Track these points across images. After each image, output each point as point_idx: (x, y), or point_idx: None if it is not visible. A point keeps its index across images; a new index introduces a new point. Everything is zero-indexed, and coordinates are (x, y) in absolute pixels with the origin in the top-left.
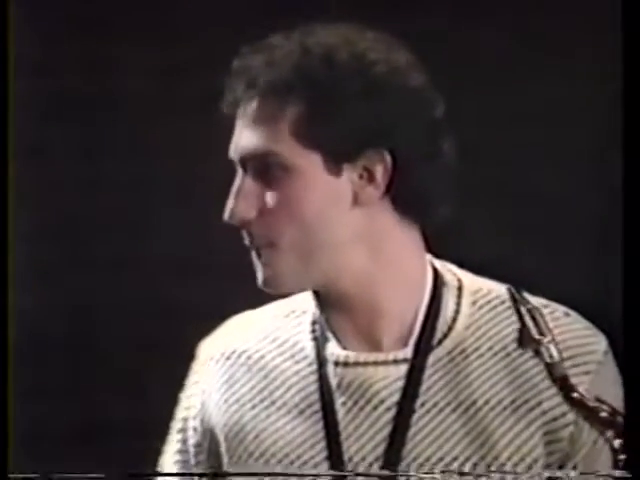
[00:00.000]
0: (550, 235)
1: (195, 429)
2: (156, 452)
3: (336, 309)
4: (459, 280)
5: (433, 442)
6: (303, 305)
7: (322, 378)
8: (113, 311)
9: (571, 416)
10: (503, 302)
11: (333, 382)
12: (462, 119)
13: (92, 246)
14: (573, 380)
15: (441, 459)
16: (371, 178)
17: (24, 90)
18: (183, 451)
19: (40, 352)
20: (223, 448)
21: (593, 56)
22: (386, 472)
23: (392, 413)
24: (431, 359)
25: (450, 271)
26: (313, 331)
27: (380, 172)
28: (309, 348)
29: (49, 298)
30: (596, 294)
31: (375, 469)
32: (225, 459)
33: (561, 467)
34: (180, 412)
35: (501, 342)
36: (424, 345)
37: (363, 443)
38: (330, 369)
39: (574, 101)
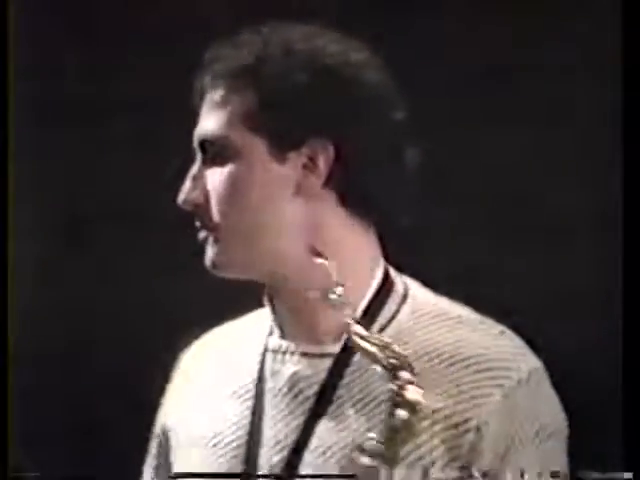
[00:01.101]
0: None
1: (162, 432)
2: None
3: (281, 300)
4: (406, 290)
5: (338, 433)
6: None
7: (261, 366)
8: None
9: (474, 423)
10: (444, 315)
11: (267, 370)
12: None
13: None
14: (485, 392)
15: (342, 448)
16: (314, 168)
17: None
18: (157, 455)
19: (40, 353)
20: (173, 441)
21: (593, 56)
22: None
23: (309, 403)
24: (358, 356)
25: (403, 282)
26: (271, 326)
27: (322, 162)
28: (261, 340)
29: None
30: (595, 294)
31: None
32: (172, 448)
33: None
34: (158, 418)
35: (429, 349)
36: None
37: (279, 429)
38: (268, 357)
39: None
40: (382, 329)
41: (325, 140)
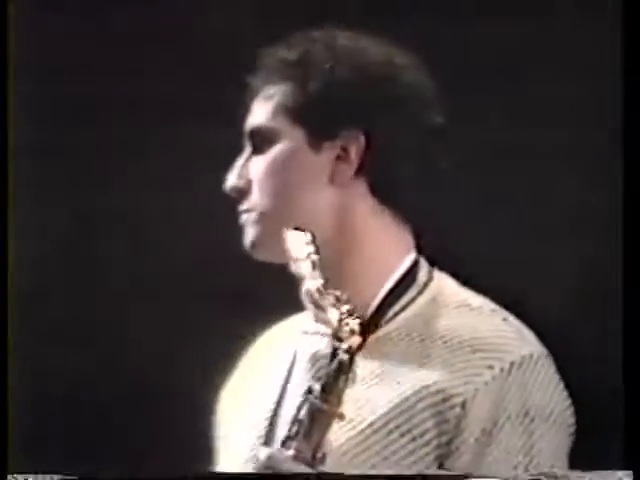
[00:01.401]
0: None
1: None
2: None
3: None
4: (430, 280)
5: (355, 407)
6: None
7: (296, 349)
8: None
9: (460, 399)
10: (461, 305)
11: (299, 352)
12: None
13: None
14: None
15: (361, 422)
16: (347, 158)
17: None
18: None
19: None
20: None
21: (593, 56)
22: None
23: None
24: (372, 338)
25: (429, 272)
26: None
27: (354, 152)
28: (302, 323)
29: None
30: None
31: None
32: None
33: (448, 444)
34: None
35: (433, 332)
36: (369, 325)
37: (294, 404)
38: (302, 340)
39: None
40: (396, 314)
41: (357, 132)
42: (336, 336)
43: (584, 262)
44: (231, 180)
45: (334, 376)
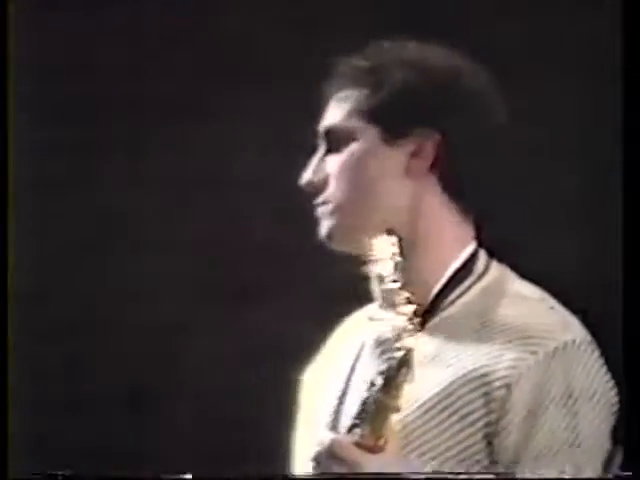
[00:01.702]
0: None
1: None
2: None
3: None
4: (486, 271)
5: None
6: None
7: (364, 338)
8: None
9: (505, 382)
10: (513, 294)
11: (365, 340)
12: None
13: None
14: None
15: (414, 402)
16: (421, 154)
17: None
18: None
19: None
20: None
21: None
22: None
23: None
24: (428, 324)
25: (486, 264)
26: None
27: (429, 147)
28: (372, 310)
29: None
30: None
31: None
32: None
33: (495, 424)
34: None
35: (484, 320)
36: (424, 312)
37: (358, 394)
38: (369, 326)
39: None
40: (452, 302)
41: (432, 130)
42: (399, 332)
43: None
44: (307, 176)
45: (395, 370)
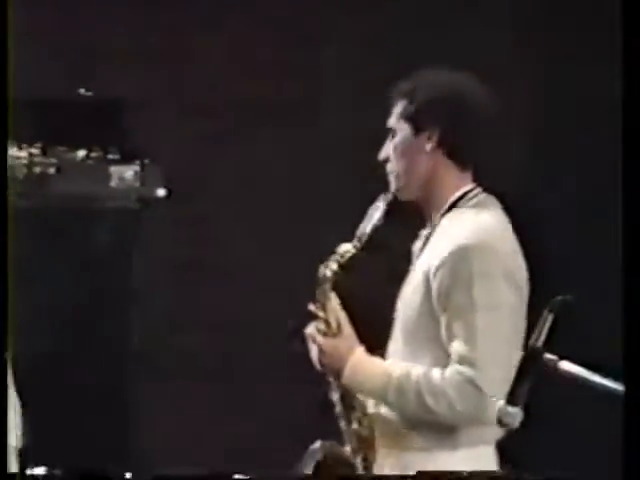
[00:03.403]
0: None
1: None
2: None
3: None
4: (474, 199)
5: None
6: None
7: None
8: None
9: (433, 270)
10: (467, 219)
11: None
12: None
13: None
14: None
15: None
16: (431, 140)
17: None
18: None
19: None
20: None
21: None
22: None
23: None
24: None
25: (477, 196)
26: None
27: (435, 137)
28: None
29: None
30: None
31: None
32: None
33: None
34: None
35: (439, 237)
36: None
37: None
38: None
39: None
40: (444, 216)
41: (437, 126)
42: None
43: None
44: (381, 154)
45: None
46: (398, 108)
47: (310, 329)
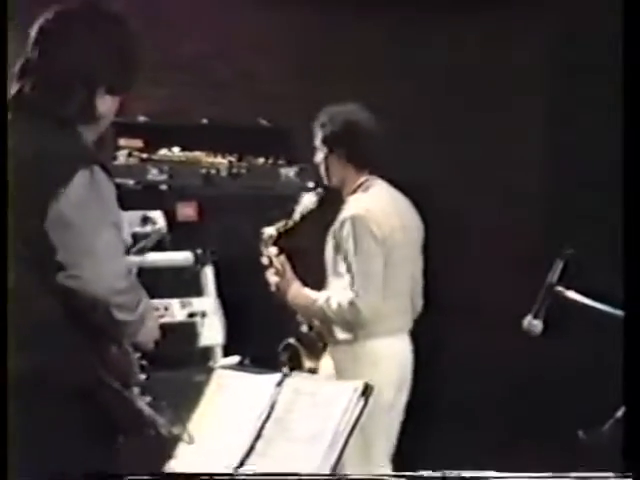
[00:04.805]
0: None
1: None
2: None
3: None
4: (364, 185)
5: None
6: None
7: None
8: None
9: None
10: (366, 196)
11: None
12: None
13: None
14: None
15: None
16: (336, 154)
17: None
18: None
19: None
20: None
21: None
22: None
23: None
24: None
25: (369, 183)
26: None
27: (340, 154)
28: None
29: None
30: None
31: None
32: None
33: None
34: None
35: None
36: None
37: None
38: None
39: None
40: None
41: (344, 149)
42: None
43: None
44: (317, 159)
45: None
46: (318, 135)
47: (268, 273)
